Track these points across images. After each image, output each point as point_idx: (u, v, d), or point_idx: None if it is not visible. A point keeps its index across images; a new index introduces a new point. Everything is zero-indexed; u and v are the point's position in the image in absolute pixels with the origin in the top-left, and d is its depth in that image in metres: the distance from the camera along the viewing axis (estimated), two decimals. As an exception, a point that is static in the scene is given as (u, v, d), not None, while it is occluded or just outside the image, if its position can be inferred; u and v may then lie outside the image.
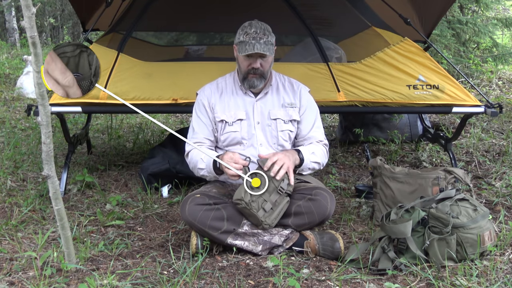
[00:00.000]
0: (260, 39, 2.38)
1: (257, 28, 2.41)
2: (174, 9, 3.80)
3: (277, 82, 2.61)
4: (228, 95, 2.55)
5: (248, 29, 2.41)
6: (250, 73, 2.46)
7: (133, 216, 2.83)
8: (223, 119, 2.51)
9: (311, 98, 2.64)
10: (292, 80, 2.66)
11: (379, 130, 4.38)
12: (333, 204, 2.34)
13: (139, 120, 5.42)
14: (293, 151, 2.44)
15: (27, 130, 4.87)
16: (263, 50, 2.37)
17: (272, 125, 2.53)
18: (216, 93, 2.57)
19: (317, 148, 2.53)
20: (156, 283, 2.01)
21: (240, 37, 2.43)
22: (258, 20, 2.48)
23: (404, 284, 2.02)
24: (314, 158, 2.48)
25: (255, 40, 2.37)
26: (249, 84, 2.49)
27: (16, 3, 11.55)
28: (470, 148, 4.17)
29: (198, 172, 2.47)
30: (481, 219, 2.19)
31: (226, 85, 2.59)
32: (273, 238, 2.30)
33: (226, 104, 2.53)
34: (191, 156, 2.50)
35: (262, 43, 2.38)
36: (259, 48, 2.36)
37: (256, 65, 2.43)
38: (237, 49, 2.46)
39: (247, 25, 2.45)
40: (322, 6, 3.77)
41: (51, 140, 1.92)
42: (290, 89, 2.61)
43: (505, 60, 6.73)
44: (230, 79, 2.61)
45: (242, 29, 2.45)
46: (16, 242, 2.38)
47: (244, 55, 2.40)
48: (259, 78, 2.47)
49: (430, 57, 3.33)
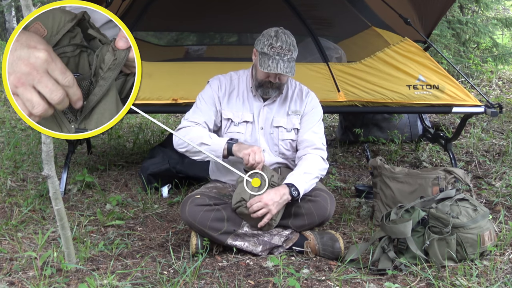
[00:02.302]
0: (285, 55, 2.29)
1: (283, 43, 2.30)
2: (174, 9, 3.80)
3: (287, 89, 2.56)
4: (239, 95, 2.51)
5: (274, 42, 2.30)
6: (267, 84, 2.41)
7: (133, 216, 2.83)
8: (229, 117, 2.48)
9: (317, 105, 2.57)
10: (303, 87, 2.59)
11: (379, 130, 4.38)
12: (333, 205, 2.34)
13: (139, 120, 5.42)
14: (284, 189, 2.25)
15: (27, 130, 4.86)
16: (285, 71, 2.29)
17: (274, 132, 2.50)
18: (228, 88, 2.51)
19: (308, 163, 2.39)
20: (156, 283, 2.01)
21: (265, 48, 2.31)
22: (284, 29, 2.38)
23: (404, 284, 2.02)
24: (308, 177, 2.34)
25: (279, 57, 2.29)
26: (263, 92, 2.45)
27: (16, 3, 11.54)
28: (470, 148, 4.17)
29: (199, 146, 2.29)
30: (481, 219, 2.19)
31: (238, 84, 2.53)
32: (273, 238, 2.30)
33: (234, 103, 2.50)
34: (188, 131, 2.36)
35: (286, 61, 2.30)
36: (282, 68, 2.28)
37: (275, 80, 2.38)
38: (258, 58, 2.37)
39: (274, 35, 2.33)
40: (322, 6, 3.78)
41: (51, 140, 1.92)
42: (299, 97, 2.55)
43: (505, 60, 6.73)
44: (243, 78, 2.55)
45: (267, 38, 2.33)
46: (16, 242, 2.38)
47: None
48: (275, 89, 2.44)
49: (430, 57, 3.33)
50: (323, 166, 2.44)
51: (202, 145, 2.30)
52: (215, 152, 2.30)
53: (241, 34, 4.74)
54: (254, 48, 2.42)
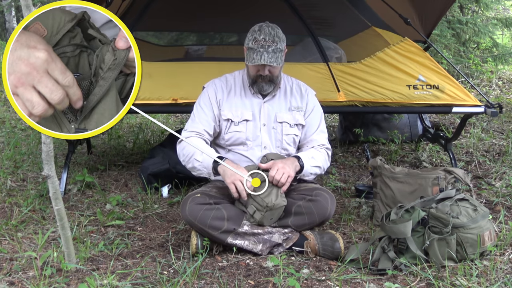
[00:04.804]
0: (269, 47, 2.32)
1: (266, 35, 2.34)
2: (174, 9, 3.81)
3: (285, 85, 2.58)
4: (237, 95, 2.53)
5: (258, 35, 2.34)
6: (259, 78, 2.44)
7: (133, 216, 2.83)
8: (229, 118, 2.49)
9: (317, 102, 2.62)
10: (300, 83, 2.63)
11: (379, 130, 4.38)
12: (333, 204, 2.34)
13: (139, 120, 5.42)
14: (292, 158, 2.41)
15: (27, 130, 4.86)
16: (270, 61, 2.32)
17: (277, 128, 2.51)
18: (225, 90, 2.54)
19: (317, 153, 2.50)
20: (156, 283, 2.01)
21: (250, 42, 2.36)
22: (269, 23, 2.41)
23: (404, 284, 2.02)
24: (314, 163, 2.44)
25: (263, 49, 2.32)
26: (258, 88, 2.47)
27: (16, 3, 11.54)
28: (470, 148, 4.17)
29: (193, 162, 2.37)
30: (481, 219, 2.19)
31: (235, 84, 2.56)
32: (273, 236, 2.30)
33: (233, 103, 2.51)
34: (186, 144, 2.41)
35: (271, 52, 2.32)
36: (266, 59, 2.31)
37: (265, 72, 2.40)
38: (246, 53, 2.41)
39: (257, 29, 2.38)
40: (322, 6, 3.78)
41: (51, 140, 1.92)
42: (298, 92, 2.58)
43: (505, 60, 6.73)
44: (239, 78, 2.57)
45: (251, 33, 2.39)
46: (16, 242, 2.38)
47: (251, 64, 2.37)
48: (268, 82, 2.45)
49: (430, 57, 3.33)
50: (327, 162, 2.54)
51: (196, 162, 2.37)
52: (206, 169, 2.35)
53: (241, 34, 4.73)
54: (243, 46, 2.45)
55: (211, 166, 2.33)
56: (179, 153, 2.46)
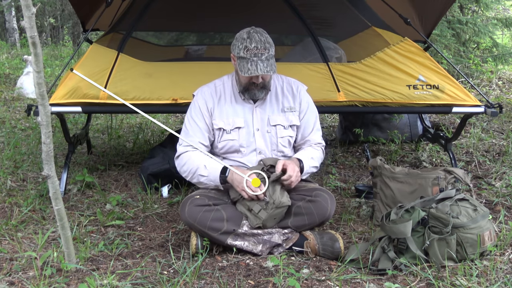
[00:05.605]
0: (262, 55, 2.28)
1: (257, 43, 2.28)
2: (174, 9, 3.80)
3: (276, 86, 2.54)
4: (227, 102, 2.48)
5: (248, 44, 2.28)
6: (252, 85, 2.40)
7: (133, 216, 2.83)
8: (220, 127, 2.45)
9: (310, 99, 2.59)
10: (290, 80, 2.59)
11: (379, 130, 4.38)
12: (333, 205, 2.34)
13: (139, 120, 5.41)
14: (295, 160, 2.41)
15: (27, 130, 4.87)
16: (267, 71, 2.28)
17: (271, 131, 2.49)
18: (215, 98, 2.48)
19: (315, 152, 2.53)
20: (156, 283, 2.01)
21: (240, 52, 2.30)
22: (255, 28, 2.36)
23: (404, 284, 2.02)
24: (313, 163, 2.48)
25: (257, 57, 2.27)
26: (250, 95, 2.44)
27: (16, 3, 11.54)
28: (470, 148, 4.17)
29: (198, 178, 2.37)
30: (481, 219, 2.19)
31: (224, 90, 2.50)
32: (273, 236, 2.30)
33: (224, 111, 2.47)
34: (186, 159, 2.40)
35: (264, 60, 2.28)
36: (262, 68, 2.27)
37: (258, 80, 2.36)
38: (237, 62, 2.34)
39: (246, 37, 2.31)
40: (322, 6, 3.77)
41: (51, 140, 1.92)
42: (290, 92, 2.54)
43: (505, 60, 6.73)
44: (228, 83, 2.52)
45: (241, 41, 2.32)
46: (16, 242, 2.38)
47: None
48: (261, 89, 2.42)
49: (430, 57, 3.33)
50: (322, 158, 2.61)
51: (201, 177, 2.37)
52: (214, 182, 2.36)
53: (241, 34, 4.73)
54: (231, 53, 2.39)
55: (218, 179, 2.33)
56: (179, 169, 2.45)
